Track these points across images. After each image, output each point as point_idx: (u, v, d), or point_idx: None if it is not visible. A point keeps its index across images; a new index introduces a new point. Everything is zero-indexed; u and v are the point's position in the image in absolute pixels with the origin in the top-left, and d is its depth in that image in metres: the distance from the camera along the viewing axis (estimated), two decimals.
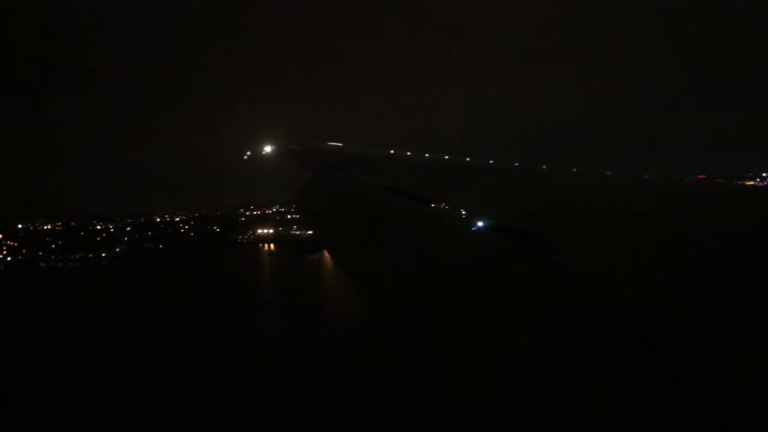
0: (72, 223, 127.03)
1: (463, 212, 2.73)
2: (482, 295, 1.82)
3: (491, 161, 4.75)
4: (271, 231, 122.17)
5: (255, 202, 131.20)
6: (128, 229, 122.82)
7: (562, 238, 1.94)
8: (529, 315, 1.58)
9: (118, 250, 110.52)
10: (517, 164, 4.63)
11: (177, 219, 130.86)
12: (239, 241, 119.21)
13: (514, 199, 2.93)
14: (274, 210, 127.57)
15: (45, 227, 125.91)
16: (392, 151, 6.14)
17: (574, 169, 4.03)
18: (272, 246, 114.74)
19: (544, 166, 4.26)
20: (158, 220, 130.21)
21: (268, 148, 7.06)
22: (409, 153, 6.08)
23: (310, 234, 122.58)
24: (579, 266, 1.68)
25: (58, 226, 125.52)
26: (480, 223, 2.39)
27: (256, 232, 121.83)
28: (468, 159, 5.02)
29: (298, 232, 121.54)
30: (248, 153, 7.56)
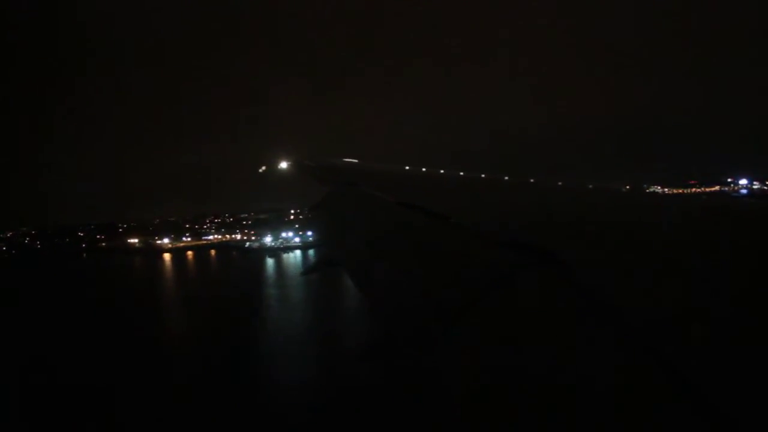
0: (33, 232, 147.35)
1: (478, 228, 2.82)
2: (497, 311, 1.87)
3: (506, 177, 4.96)
4: (136, 241, 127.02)
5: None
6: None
7: (577, 253, 2.00)
8: (544, 331, 1.60)
9: None
10: (532, 180, 4.82)
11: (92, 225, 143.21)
12: (107, 248, 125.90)
13: (529, 215, 3.03)
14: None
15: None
16: (407, 167, 6.35)
17: (590, 185, 4.16)
18: (120, 256, 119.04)
19: (560, 182, 4.38)
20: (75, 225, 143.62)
21: (283, 164, 7.33)
22: (424, 169, 6.28)
23: (173, 244, 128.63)
24: (593, 281, 1.71)
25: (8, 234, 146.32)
26: (494, 239, 2.46)
27: (126, 241, 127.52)
28: (482, 175, 5.24)
29: (165, 241, 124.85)
30: (264, 167, 7.89)
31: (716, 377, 1.11)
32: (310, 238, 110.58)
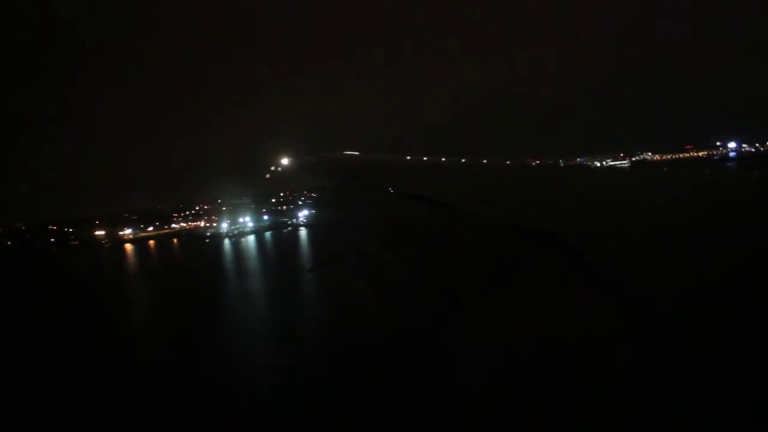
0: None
1: (482, 214, 2.77)
2: (505, 295, 1.84)
3: (507, 161, 5.07)
4: (103, 233, 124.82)
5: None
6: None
7: (581, 234, 1.96)
8: (551, 313, 1.59)
9: None
10: (534, 163, 4.94)
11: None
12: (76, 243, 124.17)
13: (532, 198, 2.98)
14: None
15: None
16: (408, 157, 6.36)
17: (592, 165, 4.10)
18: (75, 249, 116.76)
19: (561, 163, 4.53)
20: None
21: (285, 161, 7.22)
22: (425, 158, 6.23)
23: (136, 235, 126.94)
24: (597, 261, 1.69)
25: None
26: (499, 224, 2.40)
27: (93, 233, 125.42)
28: (484, 161, 5.23)
29: (127, 231, 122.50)
30: (271, 170, 7.74)
31: (727, 348, 1.08)
32: (267, 222, 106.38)
